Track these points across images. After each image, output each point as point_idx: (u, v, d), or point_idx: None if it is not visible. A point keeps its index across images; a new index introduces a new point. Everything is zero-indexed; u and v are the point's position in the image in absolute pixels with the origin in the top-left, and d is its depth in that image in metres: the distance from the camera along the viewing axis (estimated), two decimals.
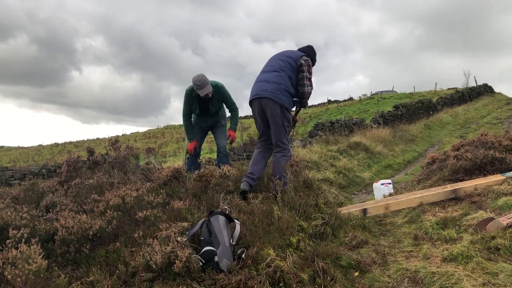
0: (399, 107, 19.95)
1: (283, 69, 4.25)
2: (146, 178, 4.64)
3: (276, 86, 4.15)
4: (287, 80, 4.19)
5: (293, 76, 4.23)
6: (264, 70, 4.40)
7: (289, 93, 4.19)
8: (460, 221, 3.80)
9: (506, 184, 4.32)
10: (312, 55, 4.46)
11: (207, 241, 2.91)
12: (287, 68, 4.24)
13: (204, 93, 4.99)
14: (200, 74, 5.03)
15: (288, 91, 4.17)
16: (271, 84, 4.18)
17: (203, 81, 4.96)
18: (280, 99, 4.11)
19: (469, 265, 2.88)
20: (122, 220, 3.32)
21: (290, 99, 4.21)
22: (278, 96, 4.12)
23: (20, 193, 4.27)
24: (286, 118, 4.21)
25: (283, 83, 4.17)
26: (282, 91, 4.14)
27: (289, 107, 4.21)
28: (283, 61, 4.30)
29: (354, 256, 3.32)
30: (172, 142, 31.81)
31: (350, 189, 7.47)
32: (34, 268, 2.25)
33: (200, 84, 4.95)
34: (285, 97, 4.15)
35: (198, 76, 4.99)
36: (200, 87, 4.96)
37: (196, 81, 4.96)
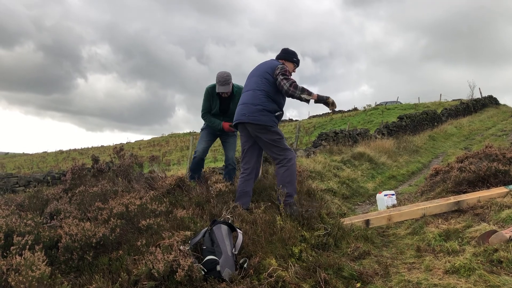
0: (403, 118, 19.94)
1: (259, 87, 4.23)
2: (150, 186, 4.66)
3: (253, 108, 4.17)
4: (263, 98, 4.17)
5: (272, 91, 4.20)
6: (244, 90, 4.46)
7: (267, 111, 4.15)
8: (463, 233, 3.79)
9: (509, 197, 4.31)
10: (290, 57, 4.46)
11: (209, 250, 2.93)
12: (263, 83, 4.23)
13: (221, 90, 4.98)
14: (227, 71, 5.05)
15: (266, 109, 4.14)
16: (248, 107, 4.20)
17: (226, 79, 4.96)
18: (259, 120, 4.12)
19: (471, 278, 2.88)
20: (125, 228, 3.34)
21: (270, 116, 4.16)
22: (257, 118, 4.13)
23: (25, 200, 4.29)
24: (273, 133, 4.18)
25: (259, 103, 4.16)
26: (260, 111, 4.13)
27: (270, 124, 4.15)
28: (260, 77, 4.29)
29: (356, 267, 3.32)
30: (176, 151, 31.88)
31: (354, 200, 7.46)
32: (37, 275, 2.27)
33: (223, 80, 4.95)
34: (264, 116, 4.13)
35: (224, 73, 5.00)
36: (221, 83, 4.95)
37: (220, 77, 4.96)
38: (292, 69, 4.44)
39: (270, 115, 4.17)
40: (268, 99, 4.17)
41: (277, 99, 4.24)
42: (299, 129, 18.89)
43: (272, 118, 4.18)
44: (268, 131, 4.15)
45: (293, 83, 4.06)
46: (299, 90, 4.02)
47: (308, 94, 4.03)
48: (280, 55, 4.48)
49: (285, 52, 4.48)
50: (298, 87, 4.04)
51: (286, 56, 4.45)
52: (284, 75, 4.11)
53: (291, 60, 4.45)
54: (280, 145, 4.21)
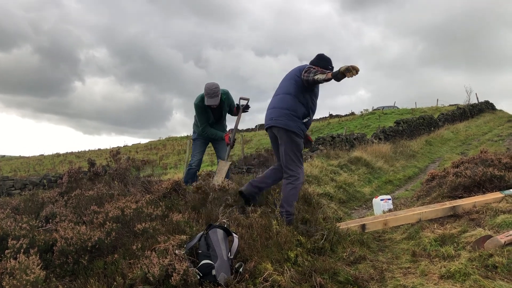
0: (400, 123, 19.99)
1: (289, 91, 4.18)
2: (146, 190, 4.66)
3: (280, 112, 4.13)
4: (292, 102, 4.11)
5: (301, 93, 4.13)
6: (274, 94, 4.40)
7: (295, 117, 4.09)
8: (458, 238, 3.79)
9: (504, 202, 4.33)
10: (322, 64, 4.30)
11: (205, 255, 2.92)
12: (293, 87, 4.17)
13: (211, 103, 5.02)
14: (215, 83, 5.06)
15: (294, 115, 4.08)
16: (276, 111, 4.18)
17: (215, 91, 5.00)
18: (286, 124, 4.07)
19: (466, 283, 2.88)
20: (121, 232, 3.33)
21: (297, 123, 4.10)
22: (283, 122, 4.09)
23: (20, 203, 4.28)
24: (295, 143, 4.11)
25: (287, 108, 4.11)
26: (287, 116, 4.08)
27: (296, 131, 4.09)
28: (289, 80, 4.24)
29: (351, 272, 3.32)
30: (173, 154, 31.86)
31: (350, 204, 7.46)
32: (32, 279, 2.26)
33: (211, 93, 4.98)
34: (291, 122, 4.07)
35: (212, 85, 5.02)
36: (210, 96, 4.99)
37: (209, 89, 4.99)
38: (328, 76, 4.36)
39: (298, 121, 4.11)
40: (296, 103, 4.11)
41: (307, 102, 4.16)
42: None
43: (299, 124, 4.12)
44: (291, 139, 4.10)
45: (309, 68, 3.99)
46: (312, 73, 3.92)
47: (321, 73, 3.88)
48: (313, 60, 4.36)
49: (318, 58, 4.36)
50: (311, 70, 3.95)
51: (319, 63, 4.31)
52: (307, 71, 4.01)
53: (325, 67, 4.27)
54: (295, 158, 4.14)
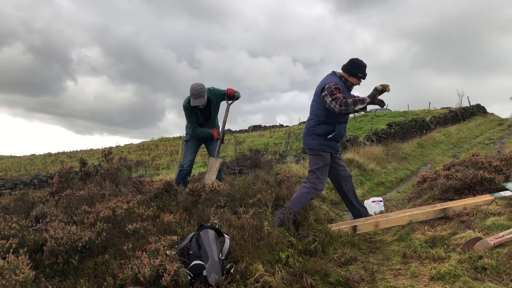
0: (392, 125, 20.07)
1: (313, 111, 4.47)
2: (138, 190, 4.64)
3: (305, 131, 4.55)
4: (313, 123, 4.43)
5: (324, 112, 4.33)
6: None
7: (316, 135, 4.40)
8: (449, 240, 3.82)
9: (494, 204, 4.36)
10: (353, 72, 4.36)
11: (196, 255, 2.92)
12: (315, 108, 4.42)
13: (196, 103, 5.01)
14: (200, 84, 5.04)
15: (315, 133, 4.41)
16: (304, 131, 4.59)
17: (200, 92, 4.98)
18: (308, 143, 4.48)
19: (456, 284, 2.90)
20: (111, 232, 3.32)
21: (320, 140, 4.38)
22: (306, 141, 4.52)
23: (10, 203, 4.25)
24: (318, 157, 4.39)
25: (309, 127, 4.48)
26: (309, 135, 4.47)
27: (319, 148, 4.38)
28: (314, 100, 4.48)
29: (342, 273, 3.32)
30: (166, 155, 31.75)
31: (342, 206, 7.46)
32: (21, 279, 2.24)
33: (196, 94, 4.97)
34: (313, 140, 4.42)
35: (197, 86, 5.00)
36: (195, 97, 4.98)
37: (194, 90, 4.98)
38: (356, 82, 4.40)
39: (319, 138, 4.40)
40: (318, 124, 4.40)
41: (331, 120, 4.36)
42: (289, 135, 18.94)
43: (322, 141, 4.39)
44: (314, 154, 4.43)
45: (342, 100, 4.03)
46: (351, 105, 4.01)
47: (361, 103, 4.01)
48: (344, 66, 4.41)
49: (349, 64, 4.38)
50: (348, 103, 4.02)
51: (349, 70, 4.37)
52: (332, 95, 4.12)
53: (354, 75, 4.36)
54: (317, 171, 4.39)
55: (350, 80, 4.36)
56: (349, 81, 4.36)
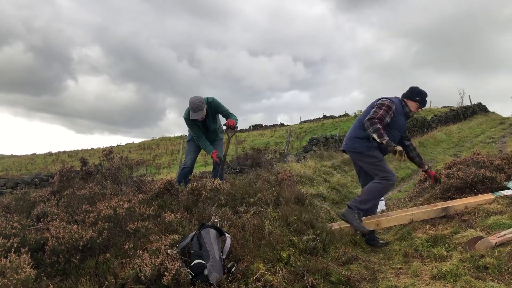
0: None
1: (359, 119, 4.48)
2: (139, 189, 4.64)
3: (348, 136, 4.54)
4: (356, 127, 4.44)
5: None
6: None
7: (358, 138, 4.38)
8: (450, 239, 3.81)
9: (496, 203, 4.35)
10: (412, 96, 4.45)
11: (197, 254, 2.92)
12: (363, 116, 4.40)
13: (195, 117, 5.05)
14: (199, 97, 5.07)
15: (356, 137, 4.39)
16: (346, 136, 4.58)
17: (199, 106, 5.01)
18: (352, 147, 4.43)
19: (457, 283, 2.90)
20: (113, 231, 3.32)
21: (361, 142, 4.35)
22: (350, 146, 4.47)
23: (12, 202, 4.25)
24: (369, 156, 4.33)
25: (351, 132, 4.49)
26: (351, 139, 4.45)
27: (363, 149, 4.33)
28: (365, 111, 4.49)
29: (344, 272, 3.32)
30: (166, 154, 31.76)
31: (343, 205, 7.45)
32: (22, 278, 2.24)
33: (195, 107, 5.01)
34: (356, 143, 4.39)
35: (196, 99, 5.03)
36: (194, 110, 5.02)
37: (193, 104, 5.02)
38: (414, 108, 4.44)
39: (361, 141, 4.36)
40: (360, 128, 4.39)
41: None
42: (290, 134, 18.94)
43: (364, 143, 4.34)
44: (363, 156, 4.36)
45: (374, 119, 4.10)
46: (372, 128, 4.09)
47: (378, 136, 4.05)
48: (405, 93, 4.50)
49: (410, 90, 4.49)
50: (374, 125, 4.08)
51: (409, 95, 4.46)
52: (378, 107, 4.22)
53: (414, 100, 4.45)
54: (379, 167, 4.32)
55: (409, 104, 4.43)
56: (408, 107, 4.42)
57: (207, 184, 4.15)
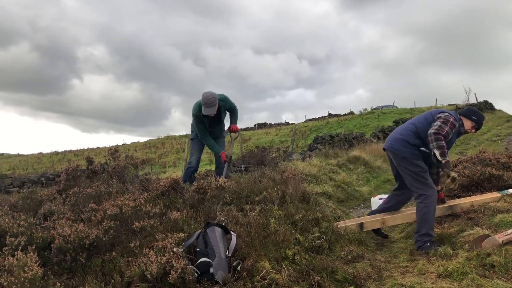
0: (399, 122, 20.02)
1: (413, 121, 4.29)
2: (144, 188, 4.65)
3: (396, 136, 4.27)
4: (410, 131, 4.19)
5: (424, 128, 4.11)
6: None
7: (408, 143, 4.12)
8: (456, 237, 3.80)
9: (502, 201, 4.33)
10: (469, 115, 4.24)
11: (203, 253, 2.93)
12: (419, 120, 4.24)
13: (208, 112, 5.00)
14: (212, 93, 5.04)
15: (407, 141, 4.14)
16: (393, 135, 4.34)
17: (212, 101, 4.98)
18: (398, 150, 4.17)
19: (464, 282, 2.89)
20: (119, 229, 3.33)
21: (410, 149, 4.11)
22: (395, 147, 4.21)
23: (19, 201, 4.28)
24: (413, 164, 4.09)
25: (402, 134, 4.23)
26: (400, 141, 4.18)
27: (409, 156, 4.10)
28: (421, 115, 4.33)
29: (349, 271, 3.32)
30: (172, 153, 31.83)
31: (349, 203, 7.46)
32: (29, 276, 2.26)
33: (209, 103, 4.97)
34: (404, 148, 4.14)
35: (209, 95, 4.99)
36: (207, 106, 4.98)
37: (206, 99, 4.97)
38: (469, 127, 4.24)
39: (410, 147, 4.13)
40: (413, 134, 4.16)
41: (425, 138, 4.08)
42: (295, 133, 18.93)
43: (413, 151, 4.12)
44: (407, 162, 4.12)
45: (440, 135, 3.89)
46: (436, 144, 3.87)
47: (441, 154, 3.84)
48: (462, 110, 4.31)
49: (468, 109, 4.31)
50: (439, 141, 3.87)
51: (466, 113, 4.26)
52: (444, 122, 3.98)
53: (470, 118, 4.23)
54: (420, 178, 4.08)
55: (464, 122, 4.24)
56: (463, 126, 4.23)
57: (213, 183, 4.16)
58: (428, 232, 3.87)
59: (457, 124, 4.08)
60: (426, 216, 3.94)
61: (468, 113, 4.25)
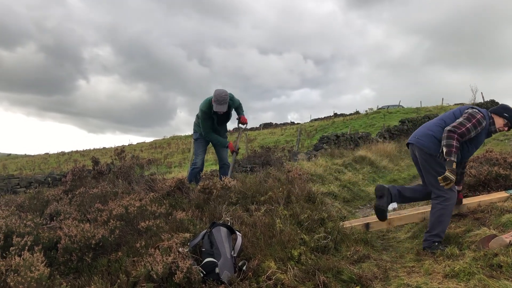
0: (405, 122, 19.94)
1: (443, 117, 4.10)
2: (150, 188, 4.67)
3: (425, 131, 4.05)
4: (439, 127, 3.94)
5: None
6: None
7: (437, 139, 3.87)
8: (463, 237, 3.78)
9: (510, 201, 4.30)
10: (500, 112, 4.01)
11: (208, 253, 2.93)
12: (448, 116, 4.05)
13: (219, 109, 5.05)
14: (224, 90, 5.07)
15: (437, 138, 3.88)
16: (422, 130, 4.13)
17: (225, 99, 5.02)
18: (424, 145, 3.94)
19: (471, 282, 2.87)
20: (124, 229, 3.34)
21: (438, 146, 3.85)
22: (421, 142, 3.98)
23: (25, 201, 4.30)
24: (438, 163, 3.87)
25: (432, 130, 4.00)
26: (429, 137, 3.95)
27: (436, 153, 3.86)
28: (451, 111, 4.13)
29: (355, 271, 3.31)
30: (177, 153, 31.89)
31: (355, 203, 7.44)
32: (36, 276, 2.27)
33: (221, 100, 5.00)
34: (432, 144, 3.89)
35: (222, 92, 5.03)
36: (219, 103, 5.01)
37: (219, 96, 5.00)
38: (501, 125, 3.99)
39: (438, 144, 3.87)
40: (443, 131, 3.84)
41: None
42: (301, 132, 18.90)
43: (439, 147, 3.86)
44: (432, 160, 3.91)
45: (453, 134, 3.69)
46: (446, 141, 3.69)
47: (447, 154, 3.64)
48: (494, 107, 4.10)
49: (499, 106, 4.09)
50: (451, 140, 3.67)
51: (497, 110, 4.03)
52: (467, 119, 3.80)
53: (501, 115, 4.00)
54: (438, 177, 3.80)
55: (496, 120, 4.00)
56: (494, 125, 4.00)
57: (218, 183, 4.16)
58: (439, 234, 3.77)
59: (484, 122, 3.87)
60: (441, 218, 3.80)
61: (499, 110, 4.04)
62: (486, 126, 3.92)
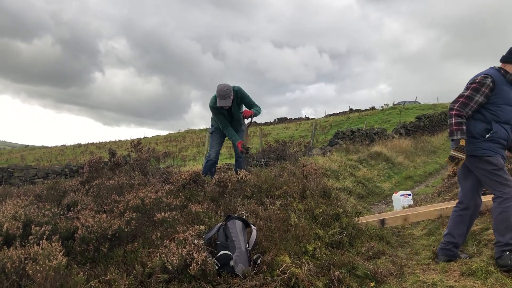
0: (421, 118, 19.71)
1: None
2: (166, 180, 4.69)
3: None
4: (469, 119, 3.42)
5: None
6: None
7: (471, 137, 3.36)
8: (480, 235, 3.73)
9: None
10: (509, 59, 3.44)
11: (223, 245, 2.94)
12: None
13: (223, 104, 5.03)
14: (226, 84, 5.05)
15: (470, 136, 3.36)
16: None
17: (227, 93, 5.00)
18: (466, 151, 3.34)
19: (488, 281, 2.83)
20: (140, 221, 3.37)
21: (476, 144, 3.34)
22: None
23: (43, 191, 4.36)
24: (485, 162, 3.31)
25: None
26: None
27: (480, 154, 3.32)
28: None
29: (370, 267, 3.29)
30: (192, 146, 32.04)
31: (369, 199, 7.40)
32: (54, 265, 2.30)
33: (223, 95, 4.99)
34: (470, 144, 3.35)
35: (224, 87, 5.02)
36: (222, 97, 5.00)
37: (220, 91, 5.00)
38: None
39: (475, 141, 3.36)
40: (473, 120, 3.41)
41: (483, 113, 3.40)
42: (315, 128, 18.83)
43: (479, 145, 3.34)
44: (478, 160, 3.36)
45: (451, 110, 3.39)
46: (451, 118, 3.37)
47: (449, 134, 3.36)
48: (502, 56, 3.49)
49: (509, 51, 3.46)
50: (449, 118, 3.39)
51: (506, 58, 3.46)
52: (466, 88, 3.43)
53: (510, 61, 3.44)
54: (495, 178, 3.29)
55: (508, 68, 3.43)
56: (510, 73, 3.41)
57: (233, 176, 4.16)
58: (509, 242, 3.13)
59: (489, 79, 3.35)
60: (506, 223, 3.18)
61: (507, 57, 3.45)
62: (501, 80, 3.39)
